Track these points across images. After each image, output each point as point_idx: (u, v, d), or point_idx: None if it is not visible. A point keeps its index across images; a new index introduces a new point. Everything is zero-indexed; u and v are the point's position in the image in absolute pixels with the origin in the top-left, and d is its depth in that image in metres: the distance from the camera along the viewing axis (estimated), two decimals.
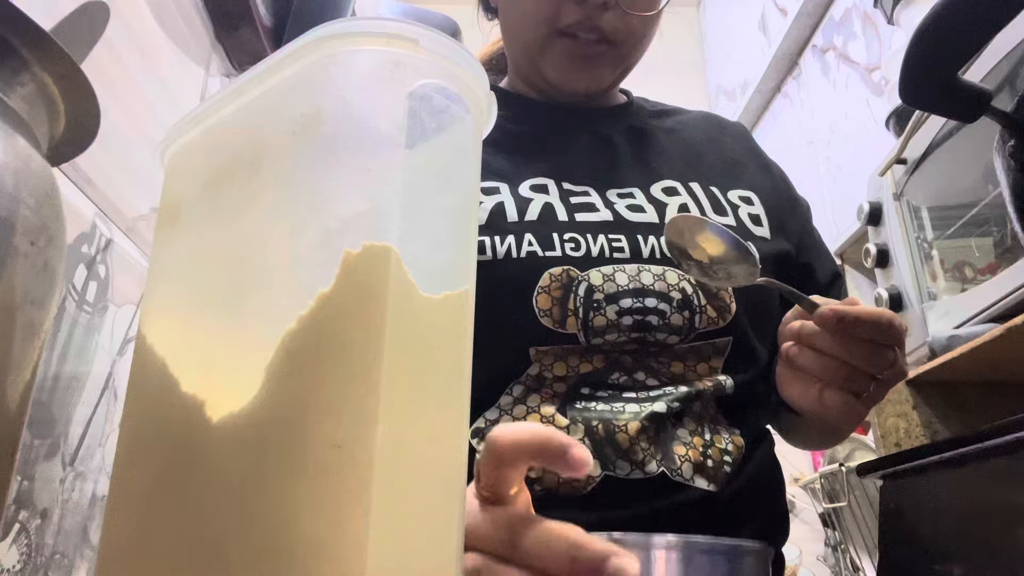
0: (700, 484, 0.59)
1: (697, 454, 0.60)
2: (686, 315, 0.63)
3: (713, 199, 0.71)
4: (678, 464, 0.59)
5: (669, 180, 0.72)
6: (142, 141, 0.67)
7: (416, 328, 0.27)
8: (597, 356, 0.62)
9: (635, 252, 0.65)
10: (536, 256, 0.63)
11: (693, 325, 0.63)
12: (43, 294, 0.39)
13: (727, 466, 0.61)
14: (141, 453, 0.32)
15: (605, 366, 0.62)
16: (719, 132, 0.82)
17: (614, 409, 0.60)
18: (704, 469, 0.60)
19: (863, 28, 1.67)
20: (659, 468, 0.58)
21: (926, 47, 0.67)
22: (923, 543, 0.68)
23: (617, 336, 0.62)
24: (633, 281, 0.63)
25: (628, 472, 0.58)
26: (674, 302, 0.63)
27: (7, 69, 0.39)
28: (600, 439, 0.59)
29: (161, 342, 0.33)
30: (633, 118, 0.80)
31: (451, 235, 0.30)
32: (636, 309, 0.62)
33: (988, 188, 0.99)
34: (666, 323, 0.62)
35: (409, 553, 0.25)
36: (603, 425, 0.59)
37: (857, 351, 0.54)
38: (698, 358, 0.64)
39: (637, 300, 0.62)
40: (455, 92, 0.31)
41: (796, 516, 2.08)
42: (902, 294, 1.13)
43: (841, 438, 0.80)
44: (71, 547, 0.60)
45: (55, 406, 0.57)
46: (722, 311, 0.64)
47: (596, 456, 0.58)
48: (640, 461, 0.58)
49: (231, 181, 0.33)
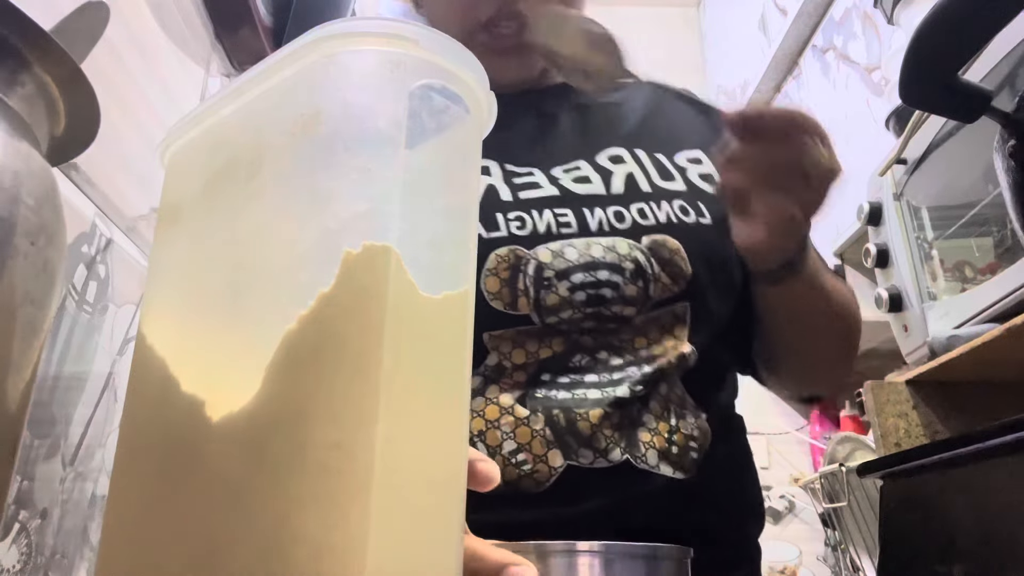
0: (665, 471, 0.58)
1: (662, 440, 0.59)
2: (640, 285, 0.62)
3: (659, 165, 0.69)
4: (643, 451, 0.58)
5: (614, 148, 0.70)
6: (142, 141, 0.67)
7: (416, 328, 0.27)
8: (556, 339, 0.61)
9: (583, 226, 0.63)
10: (480, 238, 0.61)
11: (648, 294, 0.62)
12: (43, 294, 0.39)
13: (693, 452, 0.60)
14: (141, 453, 0.32)
15: (565, 349, 0.61)
16: (665, 99, 0.80)
17: (575, 396, 0.59)
18: (669, 456, 0.58)
19: (863, 28, 1.67)
20: (623, 456, 0.57)
21: (926, 47, 0.67)
22: (923, 543, 0.68)
23: (572, 313, 0.60)
24: (583, 255, 0.61)
25: (591, 461, 0.57)
26: (627, 272, 0.61)
27: (7, 69, 0.39)
28: (561, 428, 0.57)
29: (161, 342, 0.33)
30: (580, 95, 0.78)
31: (451, 235, 0.30)
32: (588, 283, 0.60)
33: (988, 188, 0.99)
34: (620, 295, 0.61)
35: (409, 553, 0.25)
36: (564, 414, 0.58)
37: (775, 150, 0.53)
38: (660, 330, 0.63)
39: (589, 274, 0.61)
40: (455, 92, 0.31)
41: (796, 516, 2.08)
42: (902, 294, 1.13)
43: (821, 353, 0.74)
44: (71, 547, 0.60)
45: (55, 406, 0.57)
46: (677, 277, 0.63)
47: (558, 446, 0.57)
48: (603, 449, 0.57)
49: (231, 181, 0.33)
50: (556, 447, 0.57)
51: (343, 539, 0.23)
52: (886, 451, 1.05)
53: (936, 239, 1.11)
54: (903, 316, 1.13)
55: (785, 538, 2.05)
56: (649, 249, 0.63)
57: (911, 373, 1.07)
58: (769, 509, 2.08)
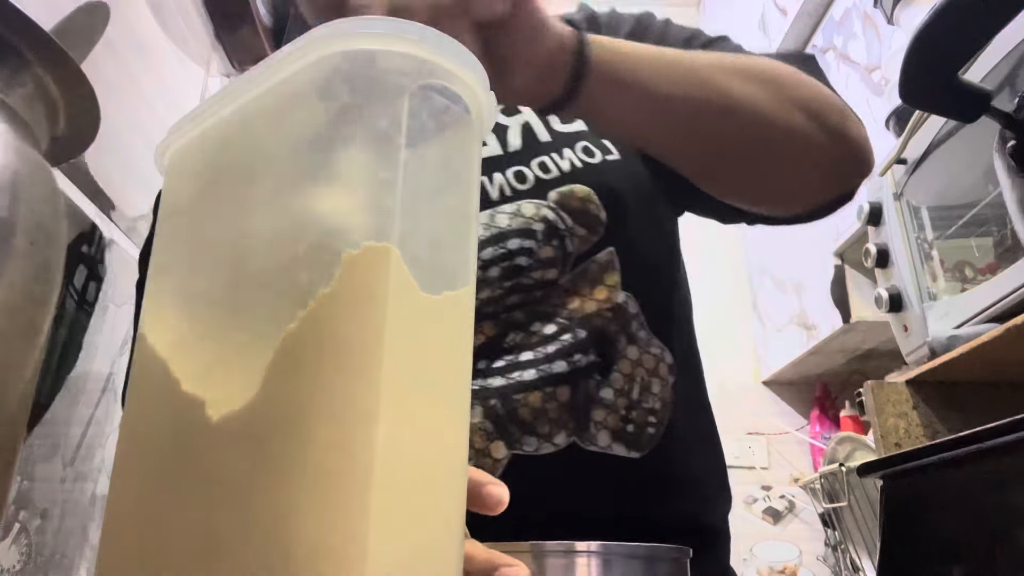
0: (619, 451, 0.55)
1: (617, 419, 0.55)
2: (555, 244, 0.57)
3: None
4: (592, 432, 0.54)
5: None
6: (142, 141, 0.67)
7: (416, 328, 0.27)
8: (487, 323, 0.57)
9: (483, 195, 0.59)
10: None
11: (566, 251, 0.58)
12: (43, 294, 0.39)
13: (651, 428, 0.56)
14: (141, 453, 0.32)
15: (497, 332, 0.57)
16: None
17: (511, 381, 0.55)
18: (624, 435, 0.55)
19: (863, 28, 1.67)
20: (570, 438, 0.54)
21: (926, 47, 0.67)
22: (923, 543, 0.68)
23: (491, 292, 0.57)
24: (489, 229, 0.58)
25: (536, 448, 0.54)
26: (538, 235, 0.57)
27: (7, 69, 0.39)
28: (502, 417, 0.54)
29: (161, 342, 0.33)
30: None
31: (451, 235, 0.30)
32: (500, 256, 0.57)
33: (988, 188, 0.99)
34: (537, 259, 0.57)
35: (410, 553, 0.25)
36: (502, 402, 0.54)
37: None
38: (590, 284, 0.58)
39: (499, 247, 0.57)
40: (455, 92, 0.31)
41: (796, 516, 2.08)
42: (902, 294, 1.13)
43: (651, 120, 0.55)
44: (71, 547, 0.60)
45: (55, 406, 0.57)
46: (593, 224, 0.59)
47: (499, 436, 0.54)
48: (547, 434, 0.54)
49: (231, 181, 0.33)
50: (498, 438, 0.54)
51: (343, 539, 0.23)
52: (886, 451, 1.05)
53: (936, 239, 1.11)
54: (903, 316, 1.13)
55: (785, 538, 2.05)
56: (557, 204, 0.59)
57: (911, 373, 1.07)
58: (769, 509, 2.08)
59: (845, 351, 1.86)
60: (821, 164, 0.58)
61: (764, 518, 2.07)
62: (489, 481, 0.33)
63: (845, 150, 0.58)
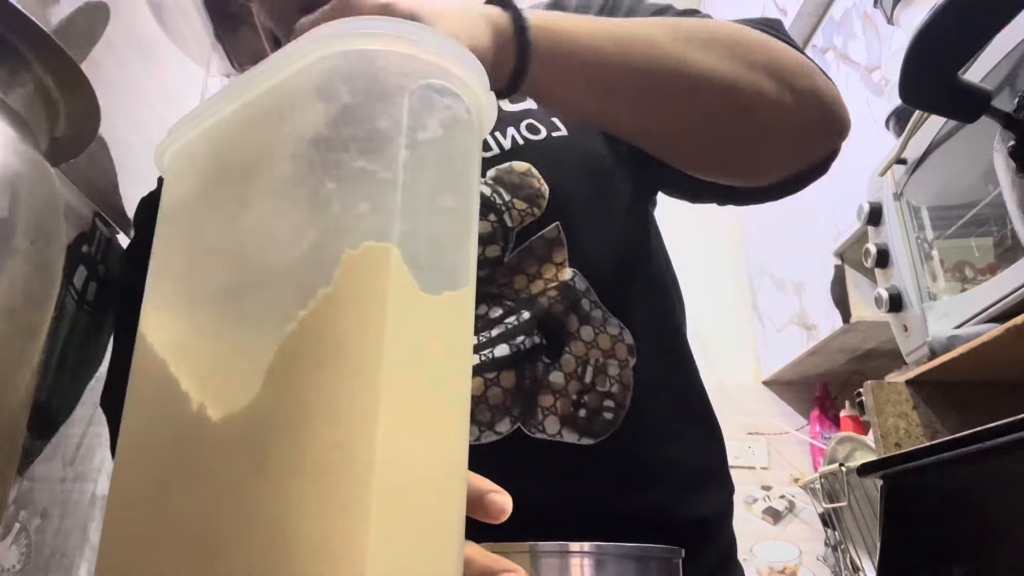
0: (569, 438, 0.51)
1: (567, 404, 0.52)
2: (492, 219, 0.55)
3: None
4: (539, 418, 0.51)
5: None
6: (142, 141, 0.67)
7: (416, 328, 0.27)
8: None
9: None
10: None
11: (505, 226, 0.55)
12: (43, 294, 0.39)
13: (608, 412, 0.52)
14: (141, 453, 0.32)
15: None
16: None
17: None
18: (575, 421, 0.52)
19: (863, 28, 1.67)
20: (514, 425, 0.51)
21: (926, 47, 0.67)
22: (923, 543, 0.68)
23: None
24: None
25: (477, 437, 0.51)
26: None
27: (7, 69, 0.39)
28: None
29: (161, 342, 0.33)
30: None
31: (451, 235, 0.30)
32: None
33: (988, 188, 0.99)
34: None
35: (410, 554, 0.25)
36: None
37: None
38: (537, 261, 0.55)
39: None
40: (456, 92, 0.31)
41: (796, 516, 2.08)
42: (902, 294, 1.13)
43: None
44: (71, 547, 0.60)
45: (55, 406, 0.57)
46: (533, 198, 0.56)
47: None
48: (488, 421, 0.51)
49: (231, 181, 0.33)
50: None
51: (343, 539, 0.23)
52: (886, 451, 1.05)
53: (936, 239, 1.11)
54: (903, 316, 1.13)
55: (785, 538, 2.05)
56: (493, 180, 0.57)
57: (911, 373, 1.07)
58: (769, 509, 2.08)
59: (845, 351, 1.86)
60: (792, 129, 0.54)
61: (764, 518, 2.07)
62: (492, 489, 0.33)
63: (816, 112, 0.55)
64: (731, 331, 2.21)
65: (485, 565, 0.32)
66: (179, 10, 0.77)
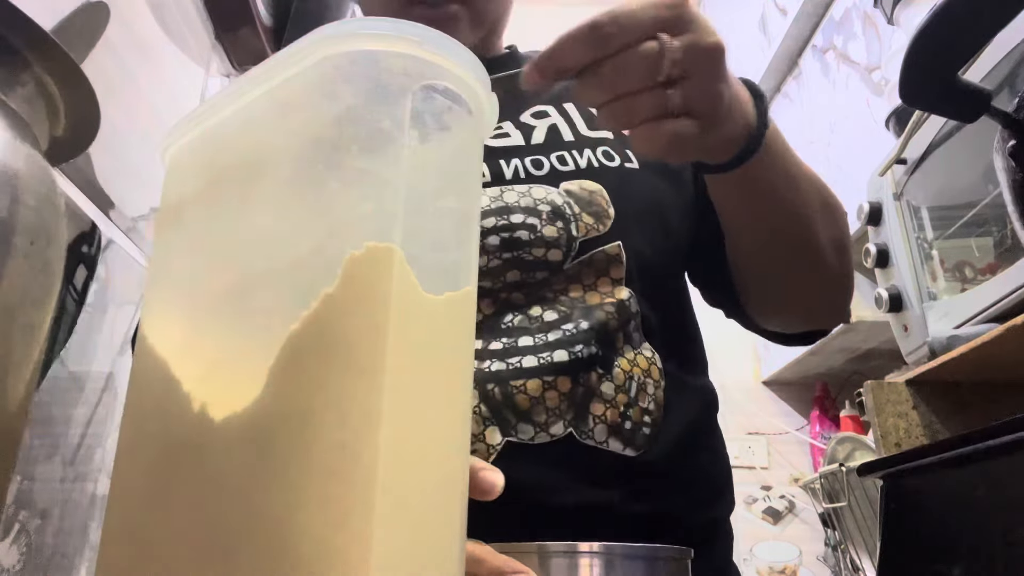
0: (615, 448, 0.54)
1: (616, 414, 0.55)
2: (559, 225, 0.58)
3: (588, 114, 0.66)
4: (590, 425, 0.54)
5: (540, 106, 0.67)
6: (142, 141, 0.67)
7: (419, 328, 0.27)
8: (484, 301, 0.57)
9: (496, 175, 0.61)
10: None
11: (571, 234, 0.59)
12: (43, 294, 0.39)
13: (645, 428, 0.56)
14: (141, 453, 0.31)
15: (495, 310, 0.57)
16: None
17: (510, 367, 0.55)
18: (620, 431, 0.55)
19: (863, 28, 1.67)
20: (567, 429, 0.54)
21: (926, 47, 0.67)
22: (923, 543, 0.68)
23: (487, 261, 0.57)
24: (495, 201, 0.59)
25: (532, 436, 0.53)
26: (543, 214, 0.58)
27: (7, 69, 0.39)
28: (498, 402, 0.54)
29: (162, 342, 0.33)
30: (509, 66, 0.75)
31: (453, 235, 0.30)
32: (502, 227, 0.58)
33: (988, 188, 0.99)
34: (539, 236, 0.58)
35: (413, 552, 0.25)
36: (500, 387, 0.54)
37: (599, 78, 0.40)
38: (595, 274, 0.59)
39: (501, 218, 0.58)
40: (457, 93, 0.31)
41: (796, 516, 2.08)
42: (902, 294, 1.13)
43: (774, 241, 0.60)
44: (71, 547, 0.60)
45: (55, 406, 0.57)
46: (600, 216, 0.60)
47: (495, 422, 0.54)
48: (543, 423, 0.54)
49: (233, 181, 0.33)
50: (493, 423, 0.54)
51: (347, 539, 0.23)
52: (886, 451, 1.05)
53: (936, 239, 1.11)
54: (903, 316, 1.13)
55: (785, 538, 2.05)
56: (567, 192, 0.60)
57: (911, 373, 1.07)
58: (769, 509, 2.08)
59: (845, 351, 1.86)
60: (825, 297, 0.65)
61: (764, 518, 2.07)
62: (484, 467, 0.33)
63: (846, 293, 0.66)
64: (731, 331, 2.21)
65: (495, 566, 0.32)
66: (179, 10, 0.77)
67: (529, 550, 0.39)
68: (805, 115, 1.99)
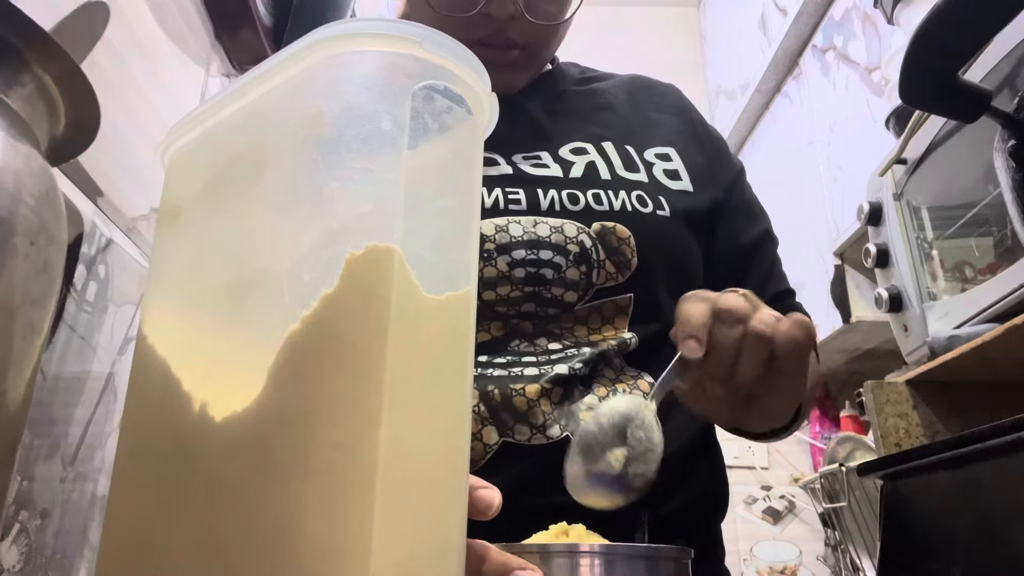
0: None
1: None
2: (583, 269, 0.60)
3: (626, 156, 0.69)
4: None
5: (579, 142, 0.69)
6: (142, 141, 0.67)
7: (419, 328, 0.27)
8: (495, 323, 0.59)
9: (533, 204, 0.62)
10: None
11: (591, 280, 0.61)
12: (43, 294, 0.39)
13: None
14: (141, 453, 0.31)
15: (504, 334, 0.59)
16: (644, 93, 0.79)
17: (512, 374, 0.57)
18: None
19: (863, 28, 1.67)
20: (563, 433, 0.55)
21: (926, 47, 0.67)
22: (923, 543, 0.68)
23: (510, 290, 0.59)
24: (528, 233, 0.60)
25: (528, 437, 0.55)
26: (571, 255, 0.60)
27: (7, 69, 0.39)
28: (496, 404, 0.56)
29: (162, 342, 0.33)
30: (552, 87, 0.77)
31: (453, 236, 0.30)
32: (530, 261, 0.59)
33: (988, 188, 0.99)
34: (561, 277, 0.60)
35: (413, 552, 0.25)
36: (499, 390, 0.56)
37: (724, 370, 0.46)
38: (601, 320, 0.61)
39: (531, 252, 0.60)
40: (457, 93, 0.31)
41: (796, 516, 2.08)
42: (902, 294, 1.13)
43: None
44: (71, 547, 0.60)
45: (55, 406, 0.57)
46: (622, 266, 0.62)
47: (492, 423, 0.55)
48: (541, 425, 0.55)
49: (233, 182, 0.33)
50: (491, 424, 0.55)
51: (347, 539, 0.23)
52: (886, 451, 1.05)
53: (936, 239, 1.11)
54: (903, 316, 1.13)
55: (785, 538, 2.05)
56: (597, 234, 0.62)
57: (911, 373, 1.07)
58: (769, 509, 2.08)
59: (845, 351, 1.86)
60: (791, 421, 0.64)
61: (764, 518, 2.07)
62: (480, 485, 0.34)
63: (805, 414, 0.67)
64: None
65: (500, 562, 0.32)
66: (179, 10, 0.77)
67: (531, 550, 0.39)
68: (805, 115, 1.99)
